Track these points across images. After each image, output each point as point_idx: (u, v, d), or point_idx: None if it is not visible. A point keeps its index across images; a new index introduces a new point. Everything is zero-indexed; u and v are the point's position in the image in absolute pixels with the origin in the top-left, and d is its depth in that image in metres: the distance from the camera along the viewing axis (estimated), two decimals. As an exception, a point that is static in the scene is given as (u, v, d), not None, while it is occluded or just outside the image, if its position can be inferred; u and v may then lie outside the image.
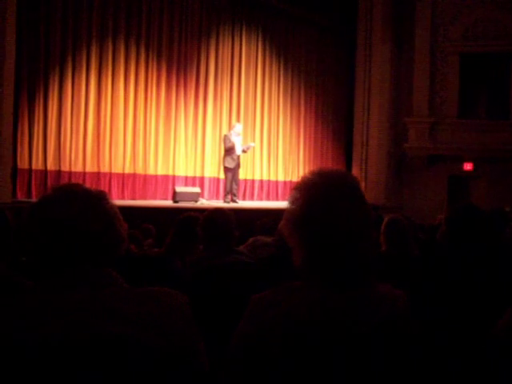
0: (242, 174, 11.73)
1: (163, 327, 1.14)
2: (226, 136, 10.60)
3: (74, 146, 10.12)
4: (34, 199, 9.29)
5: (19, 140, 9.54)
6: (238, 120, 12.03)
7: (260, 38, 12.84)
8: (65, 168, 9.99)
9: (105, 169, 10.52)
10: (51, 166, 9.85)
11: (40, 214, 1.19)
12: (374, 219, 1.28)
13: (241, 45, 12.56)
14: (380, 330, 1.14)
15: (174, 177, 11.46)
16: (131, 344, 1.09)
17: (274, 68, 13.13)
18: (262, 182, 12.96)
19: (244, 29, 12.59)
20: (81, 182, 9.17)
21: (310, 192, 1.24)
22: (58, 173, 9.91)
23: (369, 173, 13.19)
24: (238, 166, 10.60)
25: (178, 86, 11.56)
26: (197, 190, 10.74)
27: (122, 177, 10.74)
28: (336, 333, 1.13)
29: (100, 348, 1.07)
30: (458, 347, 1.98)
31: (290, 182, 13.04)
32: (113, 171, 10.61)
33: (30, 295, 1.16)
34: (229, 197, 10.55)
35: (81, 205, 1.20)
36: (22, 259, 2.70)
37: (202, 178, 11.91)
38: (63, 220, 1.17)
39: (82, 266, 1.17)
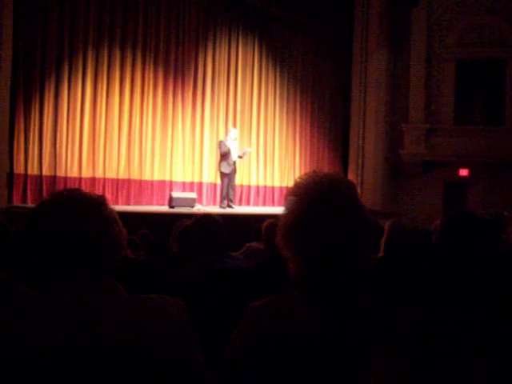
0: (238, 180, 11.72)
1: (162, 334, 1.13)
2: (221, 141, 10.58)
3: (69, 152, 10.10)
4: (29, 204, 9.27)
5: (15, 145, 9.52)
6: (235, 125, 12.04)
7: (257, 44, 12.86)
8: (60, 173, 9.97)
9: (100, 174, 10.50)
10: (47, 171, 9.83)
11: (39, 220, 1.18)
12: (373, 224, 1.24)
13: (237, 50, 12.59)
14: (374, 342, 1.13)
15: (171, 182, 11.45)
16: (130, 350, 1.08)
17: (271, 73, 13.15)
18: (258, 187, 12.95)
19: (241, 34, 12.62)
20: (76, 187, 9.15)
21: (302, 200, 1.19)
22: (54, 178, 9.89)
23: (365, 178, 13.20)
24: (234, 171, 10.59)
25: (174, 91, 11.56)
26: (193, 195, 10.72)
27: (117, 182, 10.72)
28: (332, 345, 1.11)
29: (98, 353, 1.06)
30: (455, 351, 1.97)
31: (286, 187, 13.02)
32: (108, 177, 10.60)
33: (29, 300, 1.15)
34: (225, 202, 10.53)
35: (80, 210, 1.19)
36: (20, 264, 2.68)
37: (200, 184, 11.90)
38: (62, 226, 1.16)
39: (81, 271, 1.17)
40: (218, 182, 11.29)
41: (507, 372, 1.22)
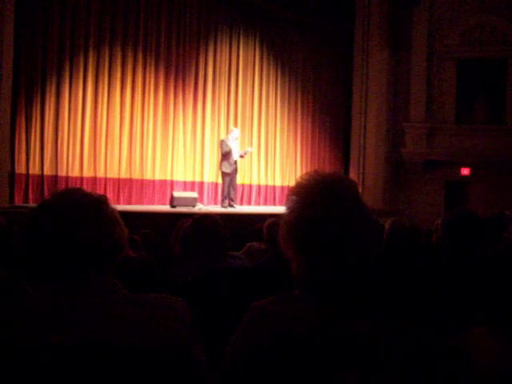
0: (239, 179, 11.72)
1: (162, 334, 1.13)
2: (222, 141, 10.59)
3: (70, 151, 10.11)
4: (30, 204, 9.27)
5: (16, 145, 9.53)
6: (236, 125, 12.04)
7: (258, 43, 12.87)
8: (62, 173, 9.97)
9: (101, 174, 10.51)
10: (48, 170, 9.83)
11: (40, 220, 1.19)
12: (375, 223, 1.24)
13: (238, 50, 12.59)
14: (374, 342, 1.13)
15: (172, 182, 11.46)
16: (130, 350, 1.09)
17: (272, 73, 13.16)
18: (259, 186, 12.96)
19: (242, 34, 12.63)
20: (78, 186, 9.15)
21: (304, 200, 1.19)
22: (55, 178, 9.89)
23: (366, 178, 13.21)
24: (235, 170, 10.59)
25: (176, 90, 11.57)
26: (194, 194, 10.73)
27: (118, 182, 10.73)
28: (332, 345, 1.11)
29: (99, 354, 1.07)
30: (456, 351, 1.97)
31: (288, 186, 13.04)
32: (110, 176, 10.61)
33: (29, 300, 1.16)
34: (226, 202, 10.54)
35: (81, 210, 1.20)
36: (21, 264, 2.68)
37: (201, 183, 11.91)
38: (63, 225, 1.16)
39: (82, 271, 1.17)
40: (219, 181, 11.29)
41: (507, 372, 1.22)
